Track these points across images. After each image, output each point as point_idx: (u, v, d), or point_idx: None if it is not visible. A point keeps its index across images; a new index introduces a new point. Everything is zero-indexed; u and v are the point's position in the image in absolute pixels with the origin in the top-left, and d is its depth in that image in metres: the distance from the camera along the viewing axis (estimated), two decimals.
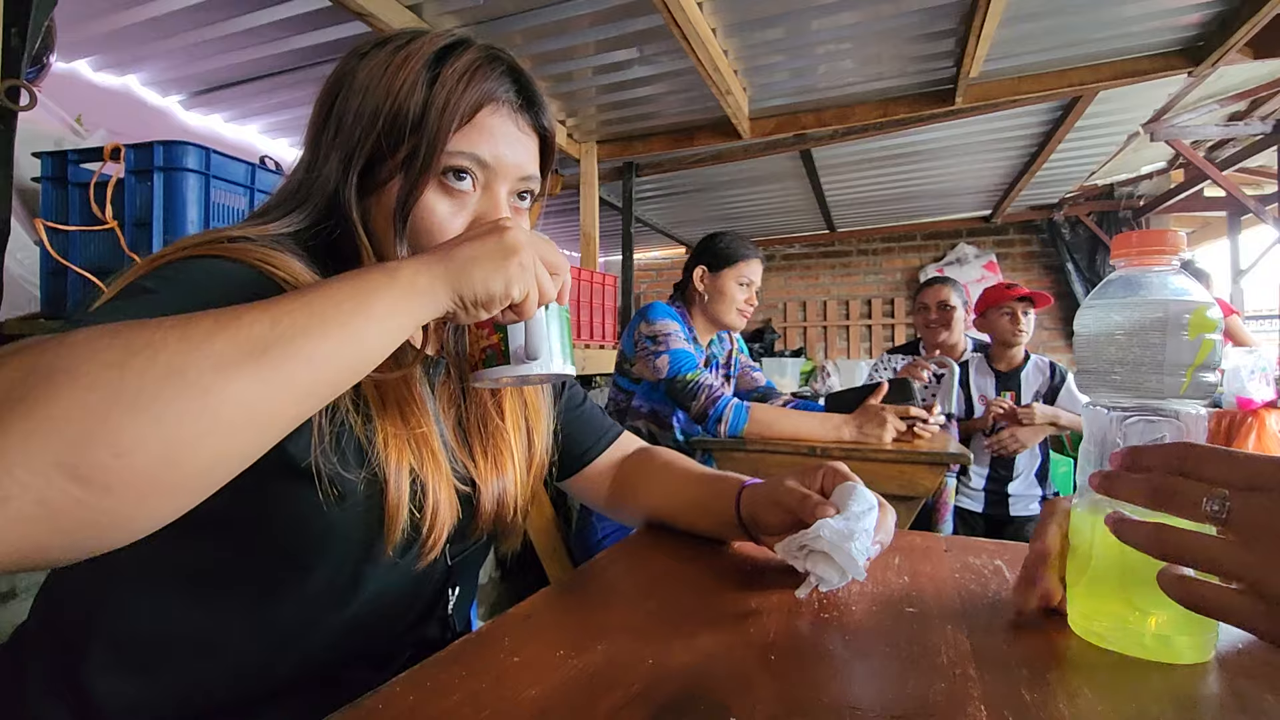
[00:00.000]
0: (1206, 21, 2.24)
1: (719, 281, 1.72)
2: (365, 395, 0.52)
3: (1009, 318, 2.22)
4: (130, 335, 0.32)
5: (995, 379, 2.29)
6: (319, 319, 0.37)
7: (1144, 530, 0.38)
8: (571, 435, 0.78)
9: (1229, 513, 0.34)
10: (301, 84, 2.76)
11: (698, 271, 1.74)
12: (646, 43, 2.36)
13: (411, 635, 0.61)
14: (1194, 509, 0.36)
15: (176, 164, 1.39)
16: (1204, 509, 0.35)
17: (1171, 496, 0.37)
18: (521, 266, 0.46)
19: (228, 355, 0.33)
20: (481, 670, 0.41)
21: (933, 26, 2.24)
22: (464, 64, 0.54)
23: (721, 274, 1.73)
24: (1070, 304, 5.17)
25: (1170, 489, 0.37)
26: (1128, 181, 4.84)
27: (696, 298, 1.76)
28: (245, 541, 0.51)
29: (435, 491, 0.54)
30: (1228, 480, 0.35)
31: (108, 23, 2.33)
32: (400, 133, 0.53)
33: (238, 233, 0.52)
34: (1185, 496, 0.36)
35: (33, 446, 0.28)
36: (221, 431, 0.33)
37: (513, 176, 0.57)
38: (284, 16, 2.24)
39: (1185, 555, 0.36)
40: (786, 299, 6.16)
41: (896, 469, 1.43)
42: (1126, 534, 0.39)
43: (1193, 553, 0.36)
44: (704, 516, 0.70)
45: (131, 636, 0.51)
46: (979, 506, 2.24)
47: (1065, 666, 0.42)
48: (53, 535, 0.30)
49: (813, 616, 0.50)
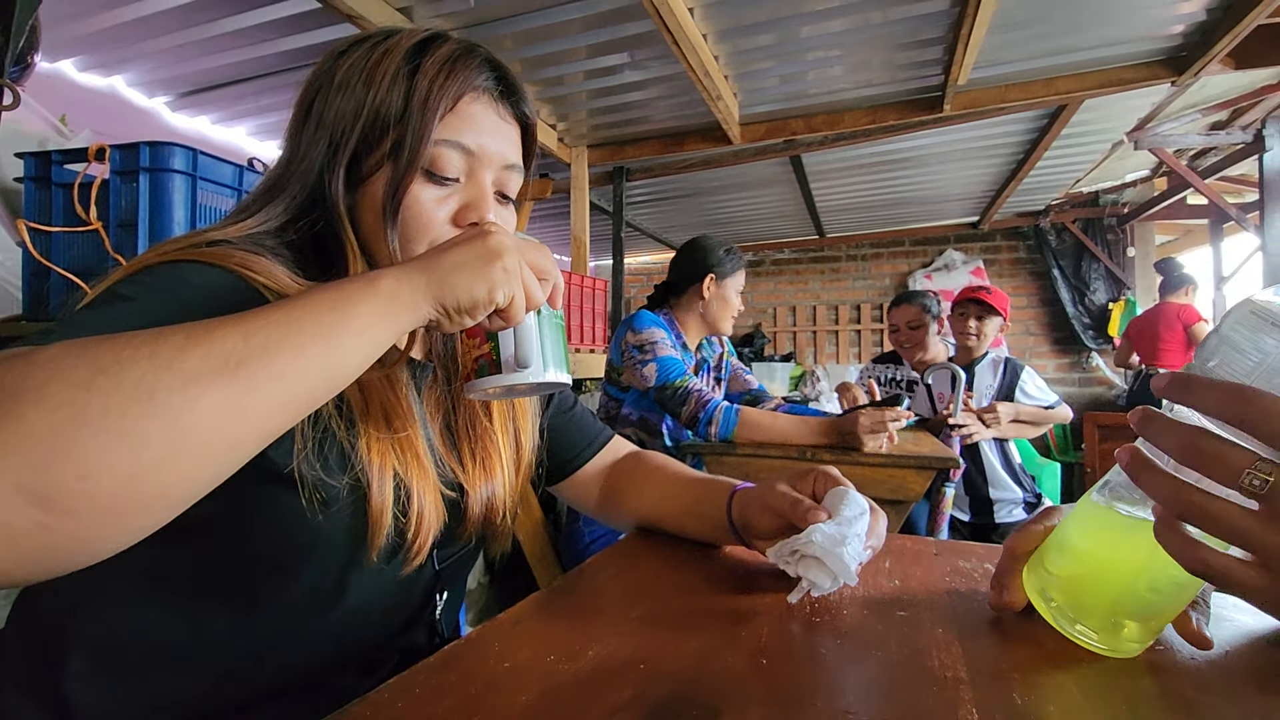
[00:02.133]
0: (1189, 32, 2.28)
1: (723, 290, 1.74)
2: (348, 400, 0.51)
3: (962, 319, 2.33)
4: (99, 352, 0.31)
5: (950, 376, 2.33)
6: (294, 332, 0.36)
7: (1166, 482, 0.35)
8: (562, 440, 0.77)
9: (1270, 490, 0.32)
10: (290, 86, 2.73)
11: (708, 280, 1.73)
12: (637, 48, 2.37)
13: (398, 641, 0.60)
14: (1232, 478, 0.33)
15: (163, 165, 1.38)
16: (1244, 482, 0.32)
17: (1210, 461, 0.33)
18: (505, 271, 0.45)
19: (198, 372, 0.32)
20: (471, 676, 0.40)
21: (921, 34, 2.27)
22: (443, 55, 0.55)
23: (725, 283, 1.75)
24: (1056, 310, 5.22)
25: (1210, 451, 0.33)
26: (1112, 189, 4.90)
27: (698, 304, 1.75)
28: (226, 548, 0.50)
29: (420, 496, 0.53)
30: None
31: (94, 22, 2.30)
32: (384, 125, 0.53)
33: (218, 235, 0.51)
34: (1226, 463, 0.33)
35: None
36: (190, 451, 0.32)
37: (497, 164, 0.58)
38: (273, 18, 2.23)
39: (1207, 518, 0.34)
40: (776, 304, 6.18)
41: (886, 473, 1.44)
42: (1145, 479, 0.36)
43: (1215, 518, 0.34)
44: (695, 521, 0.70)
45: (110, 644, 0.50)
46: (966, 515, 2.26)
47: (1056, 670, 0.42)
48: (14, 558, 0.29)
49: (804, 620, 0.50)
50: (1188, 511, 0.35)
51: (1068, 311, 5.11)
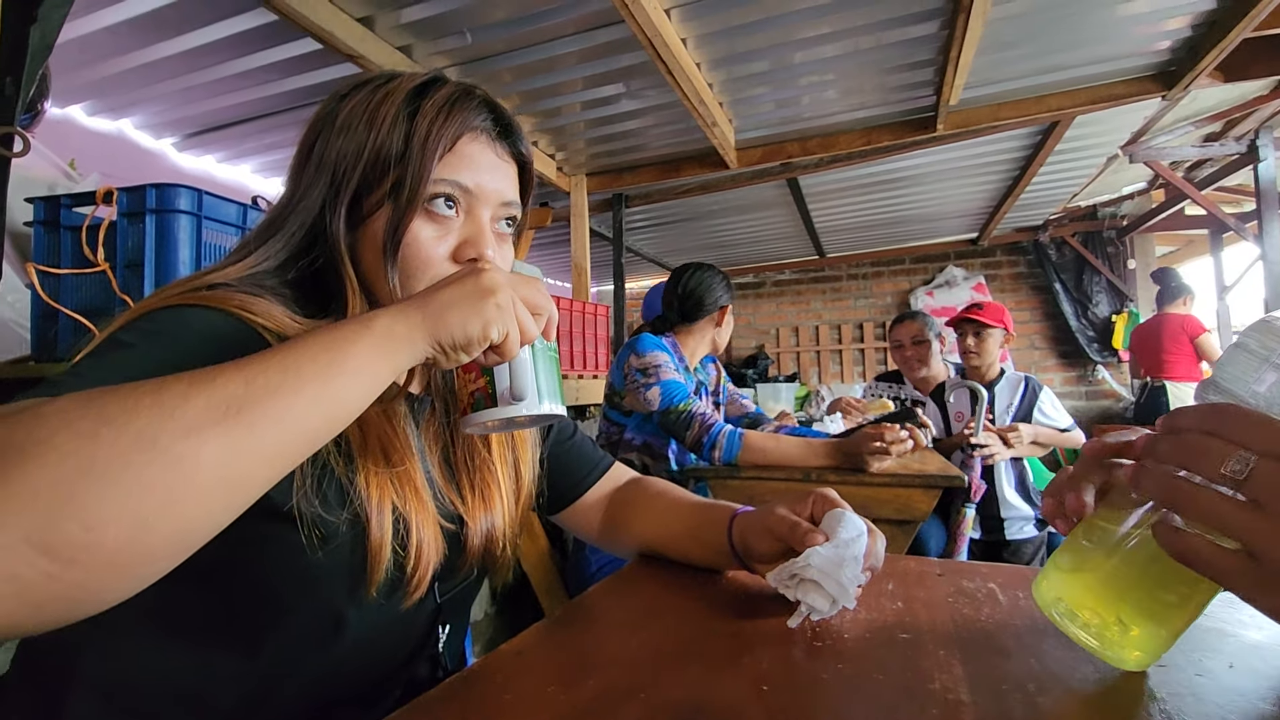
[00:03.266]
0: (1176, 48, 2.31)
1: (728, 316, 1.86)
2: (347, 435, 0.52)
3: (961, 340, 2.35)
4: (104, 403, 0.32)
5: (970, 394, 2.31)
6: (293, 375, 0.37)
7: (1157, 477, 0.38)
8: (562, 468, 0.78)
9: (1249, 475, 0.34)
10: (293, 124, 2.80)
11: (726, 310, 1.85)
12: (633, 78, 2.42)
13: (402, 675, 0.60)
14: (1214, 468, 0.35)
15: (169, 206, 1.40)
16: (1224, 469, 0.35)
17: (1193, 453, 0.36)
18: (499, 307, 0.46)
19: (200, 419, 0.33)
20: (473, 708, 0.40)
21: (912, 57, 2.31)
22: (441, 97, 0.57)
23: (727, 309, 1.85)
24: (1059, 323, 5.22)
25: (1193, 445, 0.36)
26: (1110, 202, 4.93)
27: (711, 331, 1.85)
28: (226, 585, 0.50)
29: (419, 529, 0.54)
30: (1258, 444, 0.34)
31: (103, 68, 2.37)
32: (385, 165, 0.55)
33: (218, 277, 0.52)
34: (1208, 455, 0.36)
35: (3, 522, 0.28)
36: (195, 498, 0.33)
37: (494, 201, 0.59)
38: (276, 60, 2.28)
39: (1193, 505, 0.36)
40: (779, 324, 6.19)
41: (891, 493, 1.43)
42: (1140, 480, 0.39)
43: (1200, 504, 0.36)
44: (697, 546, 0.70)
45: (113, 685, 0.50)
46: (977, 533, 2.23)
47: (1059, 690, 0.42)
48: (23, 609, 0.29)
49: (805, 645, 0.50)
50: (1177, 500, 0.37)
51: (1071, 325, 5.10)
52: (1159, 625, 0.42)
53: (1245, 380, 0.41)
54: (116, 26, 2.11)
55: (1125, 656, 0.43)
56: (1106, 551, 0.43)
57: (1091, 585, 0.44)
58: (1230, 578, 0.36)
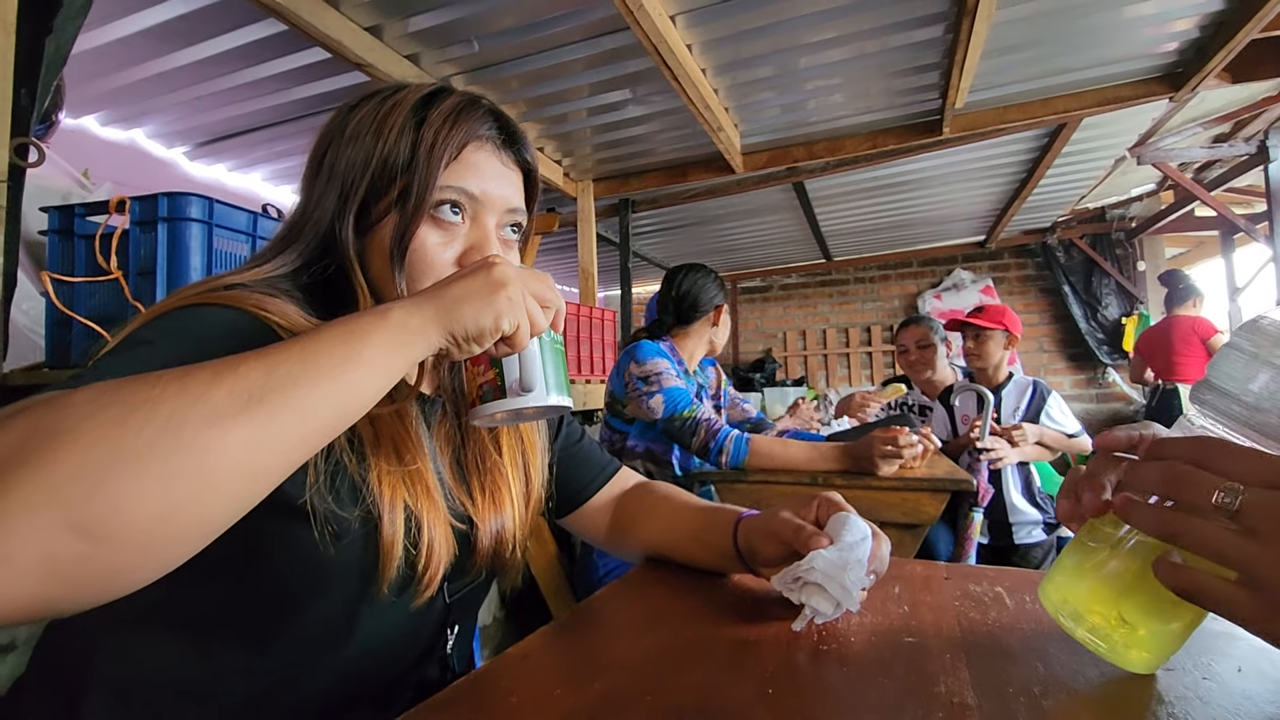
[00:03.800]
0: (1183, 49, 2.30)
1: (724, 315, 1.87)
2: (360, 433, 0.53)
3: (963, 342, 2.35)
4: (131, 391, 0.33)
5: (977, 398, 2.30)
6: (312, 365, 0.38)
7: (1150, 512, 0.38)
8: (570, 472, 0.78)
9: (1240, 505, 0.34)
10: (303, 132, 2.82)
11: (721, 310, 1.86)
12: (639, 84, 2.43)
13: (411, 677, 0.60)
14: (1205, 499, 0.35)
15: (180, 214, 1.42)
16: (1215, 500, 0.35)
17: (1183, 484, 0.37)
18: (510, 300, 0.47)
19: (224, 407, 0.34)
20: (479, 711, 0.41)
21: (917, 60, 2.30)
22: (448, 107, 0.58)
23: (722, 309, 1.86)
24: (1069, 326, 5.18)
25: (1183, 477, 0.37)
26: (1119, 204, 4.90)
27: (709, 331, 1.85)
28: (240, 583, 0.51)
29: (430, 528, 0.54)
30: (1245, 476, 0.35)
31: (116, 79, 2.40)
32: (392, 173, 0.56)
33: (234, 280, 0.54)
34: (1198, 486, 0.36)
35: (38, 505, 0.29)
36: (219, 483, 0.34)
37: (500, 208, 0.60)
38: (286, 69, 2.31)
39: (1189, 537, 0.36)
40: (786, 328, 6.18)
41: (899, 496, 1.42)
42: (1133, 515, 0.39)
43: (1196, 536, 0.36)
44: (702, 549, 0.70)
45: (129, 683, 0.51)
46: (985, 539, 2.22)
47: (1065, 694, 0.42)
48: (59, 588, 0.31)
49: (811, 648, 0.50)
50: (1172, 531, 0.37)
51: (1080, 328, 5.07)
52: (1164, 623, 0.42)
53: (1239, 379, 0.41)
54: (129, 38, 2.14)
55: (1132, 658, 0.43)
56: (1109, 551, 0.43)
57: (1095, 585, 0.44)
58: (1232, 609, 0.35)
